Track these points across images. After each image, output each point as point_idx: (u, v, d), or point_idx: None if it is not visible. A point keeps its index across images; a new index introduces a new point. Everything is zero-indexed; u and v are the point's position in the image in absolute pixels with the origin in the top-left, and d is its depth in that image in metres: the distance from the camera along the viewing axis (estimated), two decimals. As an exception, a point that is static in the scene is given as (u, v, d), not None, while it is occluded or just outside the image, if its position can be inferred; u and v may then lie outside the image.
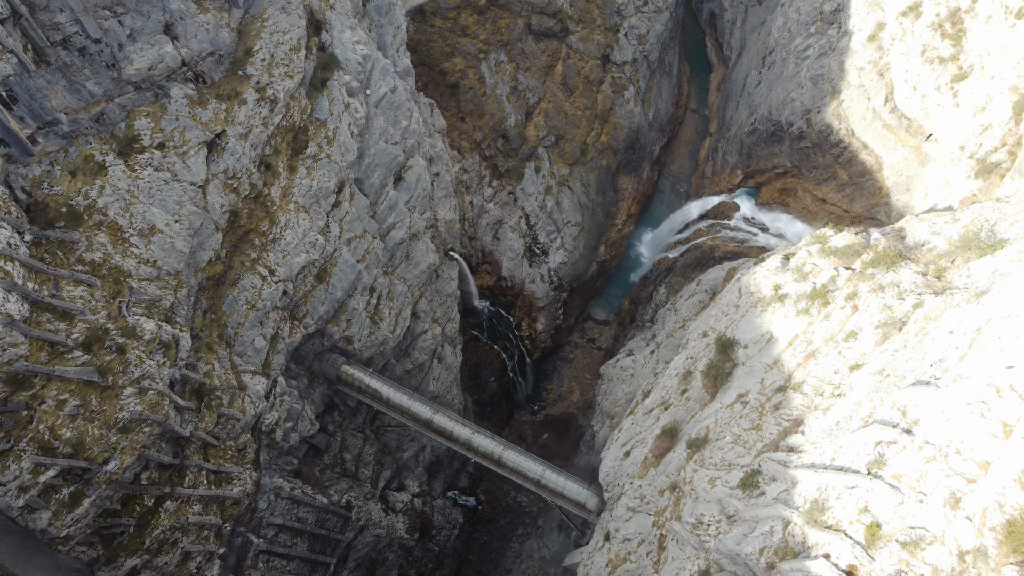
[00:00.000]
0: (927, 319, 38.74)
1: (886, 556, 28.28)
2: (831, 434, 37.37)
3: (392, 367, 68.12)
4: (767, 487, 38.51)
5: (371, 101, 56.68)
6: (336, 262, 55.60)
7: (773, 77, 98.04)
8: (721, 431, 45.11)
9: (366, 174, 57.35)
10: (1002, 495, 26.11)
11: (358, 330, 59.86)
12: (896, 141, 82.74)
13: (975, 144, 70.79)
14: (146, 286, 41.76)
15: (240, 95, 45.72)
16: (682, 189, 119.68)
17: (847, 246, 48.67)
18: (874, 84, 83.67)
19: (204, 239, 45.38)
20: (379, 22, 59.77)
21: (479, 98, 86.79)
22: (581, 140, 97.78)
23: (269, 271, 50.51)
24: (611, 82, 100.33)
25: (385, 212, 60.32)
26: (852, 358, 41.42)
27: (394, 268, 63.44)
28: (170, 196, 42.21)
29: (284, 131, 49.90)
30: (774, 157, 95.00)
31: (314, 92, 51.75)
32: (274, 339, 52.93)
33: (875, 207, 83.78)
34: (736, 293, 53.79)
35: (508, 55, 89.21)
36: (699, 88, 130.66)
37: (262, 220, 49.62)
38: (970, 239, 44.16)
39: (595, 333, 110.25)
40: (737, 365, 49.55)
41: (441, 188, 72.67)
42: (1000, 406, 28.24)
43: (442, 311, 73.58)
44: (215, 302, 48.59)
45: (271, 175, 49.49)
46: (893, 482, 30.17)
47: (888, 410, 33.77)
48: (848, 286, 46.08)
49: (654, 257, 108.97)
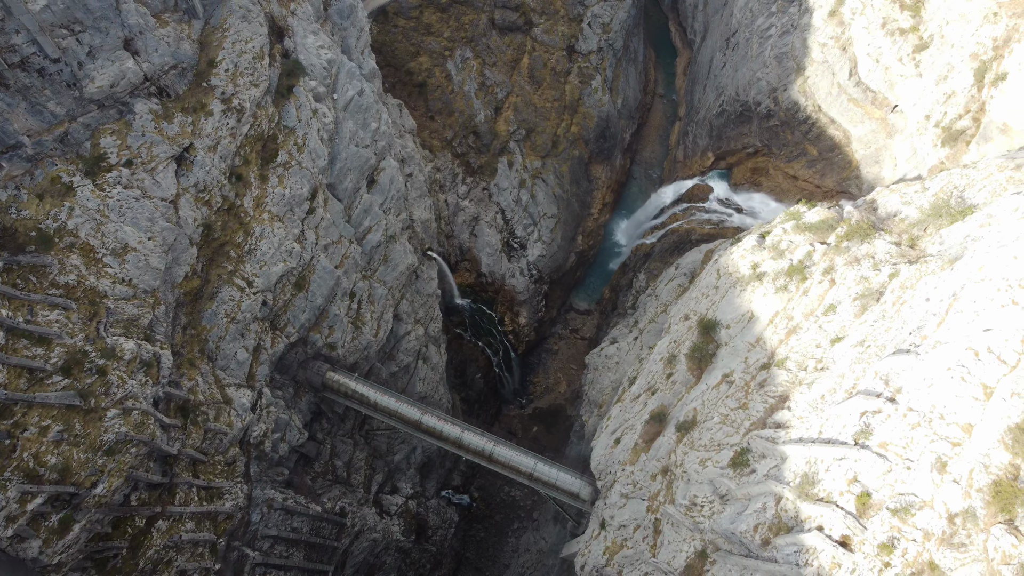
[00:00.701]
0: (903, 288, 39.25)
1: (878, 524, 28.68)
2: (817, 408, 37.79)
3: (377, 371, 67.92)
4: (757, 464, 38.89)
5: (339, 105, 56.35)
6: (314, 269, 55.29)
7: (738, 58, 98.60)
8: (709, 412, 45.45)
9: (339, 179, 57.04)
10: (987, 456, 26.59)
11: (341, 336, 59.59)
12: (862, 114, 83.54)
13: (940, 113, 71.64)
14: (123, 305, 41.32)
15: (206, 107, 45.28)
16: (655, 175, 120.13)
17: (821, 221, 49.13)
18: (838, 59, 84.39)
19: (179, 254, 44.94)
20: (342, 25, 59.38)
21: (447, 96, 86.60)
22: (552, 132, 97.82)
23: (247, 282, 50.14)
24: (578, 72, 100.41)
25: (360, 216, 60.04)
26: (833, 331, 41.88)
27: (373, 271, 63.20)
28: (141, 213, 41.76)
29: (253, 140, 49.50)
30: (744, 137, 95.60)
31: (280, 99, 51.36)
32: (256, 350, 52.57)
33: (846, 181, 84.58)
34: (715, 275, 54.14)
35: (473, 51, 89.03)
36: (666, 73, 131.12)
37: (236, 232, 49.22)
38: (940, 207, 44.75)
39: (578, 323, 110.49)
40: (720, 346, 49.93)
41: (415, 188, 72.46)
42: (979, 369, 28.72)
43: (424, 311, 73.44)
44: (194, 317, 48.16)
45: (243, 186, 49.09)
46: (880, 451, 30.59)
47: (871, 380, 34.21)
48: (824, 260, 46.53)
49: (632, 244, 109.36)
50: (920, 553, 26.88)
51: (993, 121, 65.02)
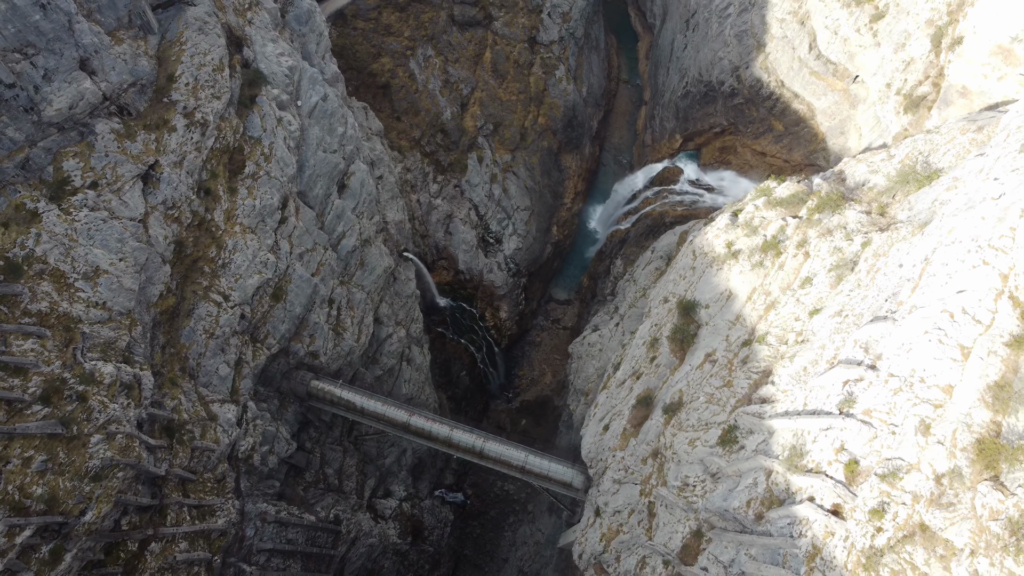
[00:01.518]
0: (876, 256, 39.73)
1: (867, 490, 29.03)
2: (800, 380, 38.18)
3: (362, 375, 67.66)
4: (745, 440, 39.25)
5: (303, 112, 55.91)
6: (291, 279, 54.90)
7: (699, 39, 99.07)
8: (694, 392, 45.80)
9: (309, 186, 56.64)
10: (968, 415, 26.99)
11: (322, 343, 59.28)
12: (825, 87, 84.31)
13: (900, 80, 72.46)
14: (99, 329, 40.78)
15: (168, 123, 44.74)
16: (625, 160, 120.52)
17: (791, 195, 49.59)
18: (797, 33, 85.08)
19: (152, 273, 44.41)
20: (300, 31, 58.86)
21: (412, 95, 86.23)
22: (519, 125, 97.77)
23: (223, 297, 49.69)
24: (541, 63, 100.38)
25: (333, 222, 59.69)
26: (810, 303, 42.33)
27: (350, 277, 62.88)
28: (111, 235, 41.21)
29: (219, 153, 48.99)
30: (710, 117, 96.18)
31: (244, 110, 50.86)
32: (238, 364, 52.15)
33: (813, 153, 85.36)
34: (691, 256, 54.49)
35: (435, 49, 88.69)
36: (628, 58, 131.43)
37: (209, 246, 48.74)
38: (907, 173, 45.30)
39: (559, 313, 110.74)
40: (701, 326, 50.31)
41: (386, 190, 72.12)
42: (955, 330, 29.11)
43: (404, 313, 73.24)
44: (173, 335, 47.67)
45: (212, 200, 48.60)
46: (865, 418, 30.94)
47: (851, 349, 34.60)
48: (797, 234, 46.99)
49: (606, 231, 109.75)
50: (910, 516, 27.24)
51: (952, 85, 65.85)
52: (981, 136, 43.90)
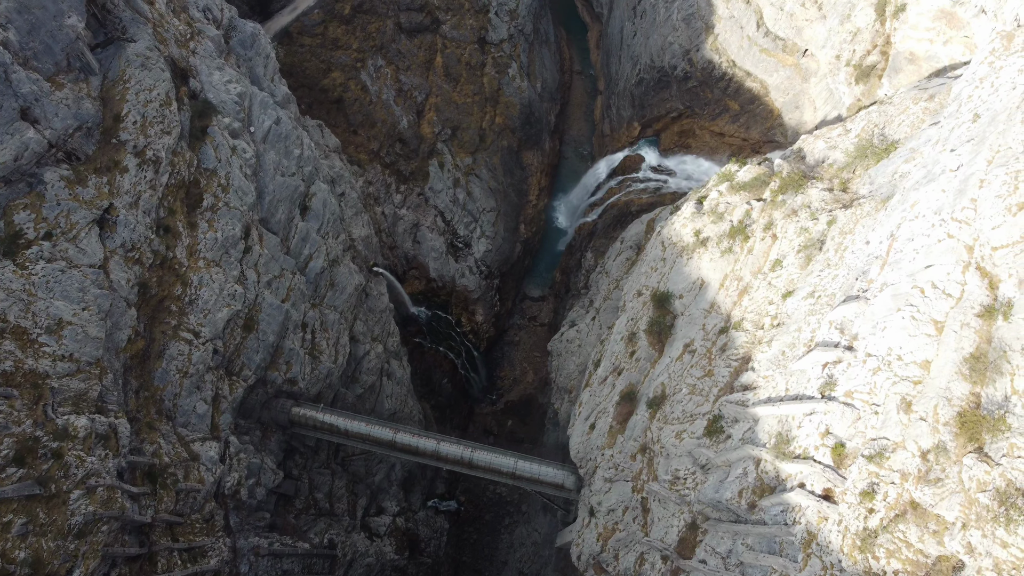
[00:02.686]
0: (843, 233, 39.99)
1: (856, 472, 29.17)
2: (779, 365, 38.33)
3: (343, 396, 67.02)
4: (732, 429, 39.36)
5: (257, 138, 55.06)
6: (261, 308, 54.11)
7: (647, 25, 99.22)
8: (676, 385, 45.87)
9: (270, 212, 55.83)
10: (947, 389, 27.18)
11: (300, 369, 58.56)
12: (776, 63, 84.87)
13: (849, 51, 73.10)
14: (68, 382, 39.83)
15: (120, 164, 43.75)
16: (585, 152, 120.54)
17: (754, 179, 49.80)
18: (743, 12, 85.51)
19: (118, 319, 43.48)
20: (247, 56, 57.91)
21: (366, 107, 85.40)
22: (477, 126, 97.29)
23: (194, 334, 48.83)
24: (493, 63, 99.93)
25: (299, 245, 58.93)
26: (782, 286, 42.52)
27: (321, 299, 62.17)
28: (71, 285, 40.21)
29: (175, 189, 48.07)
30: (666, 102, 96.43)
31: (196, 142, 49.94)
32: (215, 400, 51.33)
33: (771, 130, 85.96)
34: (660, 247, 54.56)
35: (385, 59, 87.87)
36: (579, 49, 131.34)
37: (174, 284, 47.83)
38: (865, 147, 45.65)
39: (535, 311, 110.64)
40: (677, 316, 50.39)
41: (350, 207, 71.39)
42: (927, 306, 29.31)
43: (380, 328, 72.62)
44: (145, 379, 46.75)
45: (172, 237, 47.68)
46: (847, 400, 31.08)
47: (827, 331, 34.75)
48: (763, 217, 47.20)
49: (574, 224, 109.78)
50: (900, 494, 27.39)
51: (900, 52, 66.56)
52: (933, 104, 44.36)
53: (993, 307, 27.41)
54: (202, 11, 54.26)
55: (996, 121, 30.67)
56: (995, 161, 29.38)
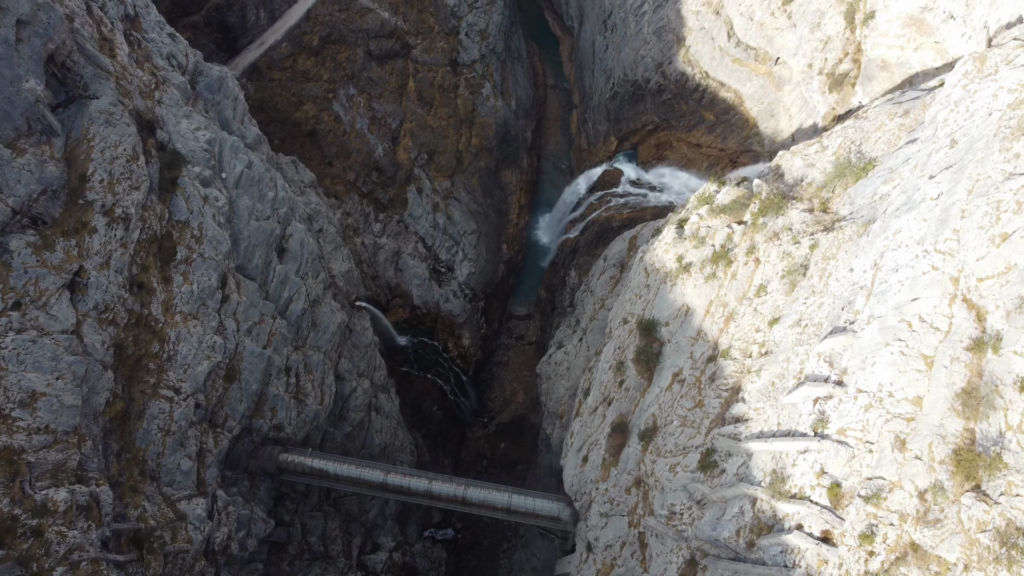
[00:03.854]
0: (826, 259, 39.61)
1: (853, 514, 28.68)
2: (770, 396, 37.84)
3: (332, 435, 66.06)
4: (725, 464, 38.82)
5: (229, 184, 54.16)
6: (242, 357, 53.16)
7: (619, 39, 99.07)
8: (667, 416, 45.30)
9: (247, 258, 54.91)
10: (941, 426, 26.76)
11: (285, 414, 57.60)
12: (749, 72, 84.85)
13: (821, 60, 73.10)
14: (45, 455, 38.76)
15: (88, 224, 42.76)
16: (564, 166, 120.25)
17: (733, 201, 49.40)
18: (713, 23, 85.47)
19: (94, 383, 42.43)
20: (214, 100, 57.01)
21: (341, 138, 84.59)
22: (454, 149, 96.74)
23: (174, 391, 47.83)
24: (466, 84, 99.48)
25: (278, 289, 58.01)
26: (768, 313, 42.08)
27: (304, 340, 61.24)
28: (42, 355, 39.18)
29: (147, 244, 47.10)
30: (641, 116, 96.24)
31: (167, 194, 48.98)
32: (200, 455, 50.32)
33: (747, 140, 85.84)
34: (643, 273, 54.05)
35: (357, 87, 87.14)
36: (552, 62, 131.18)
37: (151, 342, 46.83)
38: (843, 165, 45.39)
39: (521, 329, 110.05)
40: (664, 343, 49.87)
41: (328, 242, 70.52)
42: (915, 340, 28.95)
43: (365, 363, 71.72)
44: (127, 440, 45.69)
45: (146, 293, 46.69)
46: (840, 438, 30.62)
47: (815, 363, 34.33)
48: (745, 241, 46.79)
49: (556, 240, 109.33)
50: (900, 536, 26.94)
51: (872, 60, 66.57)
52: (909, 120, 44.11)
53: (982, 340, 27.04)
54: (166, 58, 53.37)
55: (974, 149, 30.36)
56: (975, 190, 29.07)
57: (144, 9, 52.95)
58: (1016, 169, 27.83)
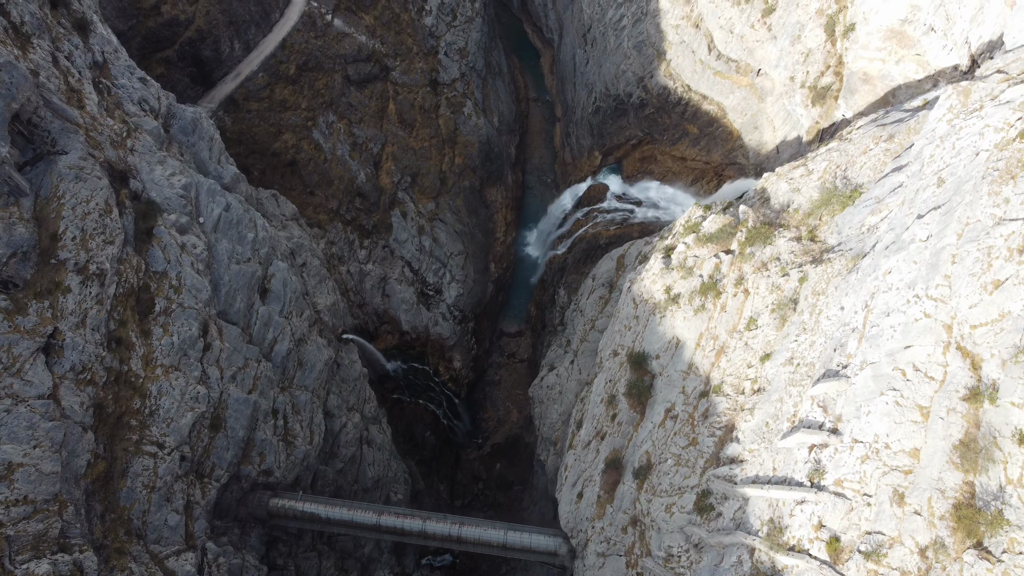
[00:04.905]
0: (815, 294, 38.92)
1: (854, 570, 27.98)
2: (764, 438, 37.15)
3: (323, 474, 65.03)
4: (722, 507, 38.11)
5: (208, 228, 53.14)
6: (226, 405, 52.14)
7: (599, 53, 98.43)
8: (661, 454, 44.54)
9: (228, 303, 53.89)
10: (940, 480, 26.09)
11: (274, 458, 56.58)
12: (731, 84, 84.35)
13: (802, 73, 72.63)
14: (25, 526, 37.69)
15: (61, 284, 41.69)
16: (549, 179, 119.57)
17: (720, 230, 48.67)
18: (693, 37, 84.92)
19: (74, 446, 41.35)
20: (189, 142, 55.98)
21: (322, 166, 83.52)
22: (437, 170, 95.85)
23: (158, 446, 46.77)
24: (447, 103, 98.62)
25: (261, 331, 57.00)
26: (759, 348, 41.37)
27: (290, 381, 60.22)
28: (18, 424, 38.09)
29: (124, 298, 46.03)
30: (624, 130, 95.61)
31: (143, 245, 47.94)
32: (187, 508, 49.26)
33: (732, 152, 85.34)
34: (631, 304, 53.29)
35: (336, 114, 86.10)
36: (533, 75, 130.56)
37: (131, 398, 45.77)
38: (829, 192, 44.82)
39: (513, 347, 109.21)
40: (655, 376, 49.11)
41: (313, 276, 69.51)
42: (910, 390, 28.29)
43: (355, 397, 70.72)
44: (110, 501, 44.59)
45: (125, 349, 45.61)
46: (837, 489, 29.94)
47: (809, 407, 33.63)
48: (733, 271, 46.09)
49: (544, 255, 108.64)
50: (903, 595, 26.28)
51: (854, 73, 66.16)
52: (894, 145, 43.53)
53: (978, 390, 26.38)
54: (138, 103, 52.27)
55: (962, 191, 29.71)
56: (965, 235, 28.43)
57: (113, 55, 51.82)
58: (1006, 214, 27.19)
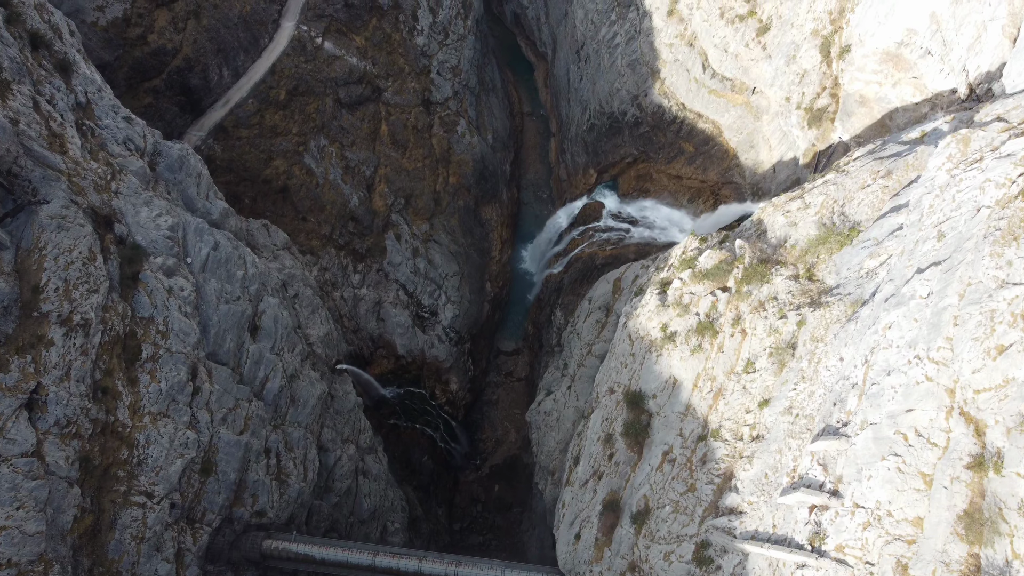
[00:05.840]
0: (814, 340, 38.17)
1: (859, 644, 27.23)
2: (763, 490, 36.36)
3: (318, 508, 64.17)
4: (721, 560, 37.32)
5: (195, 268, 52.28)
6: (217, 448, 51.27)
7: (593, 70, 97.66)
8: (659, 499, 43.71)
9: (217, 344, 53.01)
10: (944, 552, 25.29)
11: (267, 498, 55.71)
12: (726, 103, 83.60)
13: (798, 94, 71.85)
14: (8, 591, 36.89)
15: (44, 338, 40.82)
16: (544, 195, 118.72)
17: (716, 266, 47.87)
18: (688, 55, 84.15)
19: (59, 502, 40.48)
20: (176, 179, 55.14)
21: (314, 191, 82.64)
22: (431, 190, 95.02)
23: (147, 496, 45.90)
24: (440, 123, 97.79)
25: (252, 369, 56.13)
26: (758, 393, 40.56)
27: (283, 418, 59.36)
28: (1, 486, 37.23)
29: (110, 346, 45.14)
30: (619, 148, 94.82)
31: (128, 290, 47.08)
32: (178, 555, 48.40)
33: (728, 171, 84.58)
34: (627, 340, 52.50)
35: (328, 137, 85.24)
36: (528, 88, 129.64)
37: (119, 449, 44.89)
38: (827, 229, 44.08)
39: (510, 365, 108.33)
40: (652, 415, 48.30)
41: (305, 307, 68.63)
42: (912, 456, 27.49)
43: (349, 428, 69.87)
44: (98, 554, 43.71)
45: (111, 398, 44.75)
46: (838, 555, 29.14)
47: (809, 464, 32.83)
48: (730, 310, 45.32)
49: (540, 273, 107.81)
50: (909, 673, 25.48)
51: (850, 95, 65.40)
52: (892, 183, 42.73)
53: (982, 458, 25.57)
54: (123, 143, 51.44)
55: (963, 249, 28.91)
56: (967, 296, 27.63)
57: (96, 94, 50.98)
58: (1009, 278, 26.39)
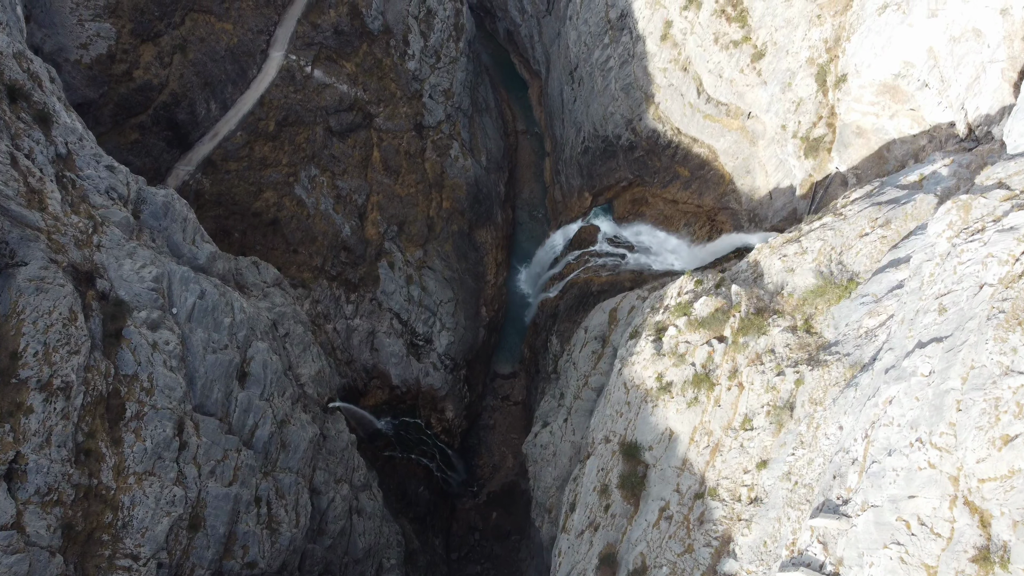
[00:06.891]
0: (813, 403, 37.22)
1: None
2: (762, 559, 35.40)
3: (311, 552, 63.12)
4: (721, 633, 36.41)
5: (181, 318, 51.24)
6: (206, 502, 50.22)
7: (586, 93, 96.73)
8: (656, 558, 42.74)
9: (205, 395, 51.97)
10: (951, 651, 24.33)
11: (258, 548, 54.65)
12: (721, 127, 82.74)
13: (795, 123, 71.08)
14: (-13, 672, 35.84)
15: (23, 405, 39.78)
16: (539, 214, 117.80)
17: (711, 315, 46.98)
18: (682, 80, 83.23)
19: (41, 573, 39.44)
20: (161, 226, 54.10)
21: (305, 222, 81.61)
22: (424, 216, 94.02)
23: (132, 558, 44.82)
24: (433, 147, 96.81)
25: (241, 418, 55.07)
26: (756, 453, 39.61)
27: (273, 464, 58.27)
28: (-23, 565, 36.28)
29: (92, 407, 44.09)
30: (614, 172, 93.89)
31: (111, 348, 46.00)
32: (167, 615, 47.38)
33: (724, 196, 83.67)
34: (623, 389, 51.56)
35: (319, 167, 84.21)
36: (522, 106, 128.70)
37: (103, 513, 43.82)
38: (825, 279, 43.27)
39: (507, 389, 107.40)
40: (649, 467, 47.38)
41: (296, 345, 67.60)
42: (915, 546, 26.41)
43: (343, 468, 68.81)
44: (82, 622, 42.71)
45: (95, 461, 43.69)
46: (841, 646, 28.20)
47: (808, 540, 31.77)
48: (727, 361, 44.42)
49: (537, 294, 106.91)
50: None
51: (847, 125, 64.56)
52: (890, 233, 41.88)
53: (988, 552, 24.50)
54: (105, 193, 50.37)
55: (966, 329, 27.89)
56: (970, 380, 26.61)
57: (77, 144, 49.94)
58: (1014, 365, 25.36)
